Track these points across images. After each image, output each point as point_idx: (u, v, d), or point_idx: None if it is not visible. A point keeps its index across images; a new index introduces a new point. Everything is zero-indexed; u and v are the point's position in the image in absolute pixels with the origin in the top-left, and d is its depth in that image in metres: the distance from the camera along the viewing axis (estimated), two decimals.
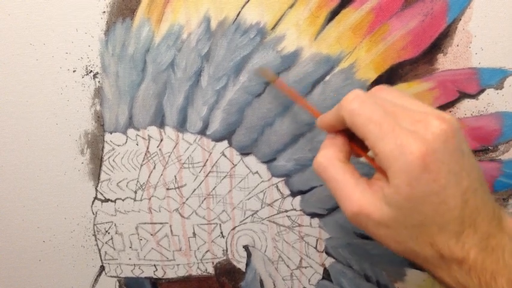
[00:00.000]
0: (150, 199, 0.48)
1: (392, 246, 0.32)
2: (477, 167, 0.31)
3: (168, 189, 0.48)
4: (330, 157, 0.34)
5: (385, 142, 0.30)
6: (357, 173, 0.33)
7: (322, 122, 0.36)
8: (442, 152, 0.29)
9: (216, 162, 0.47)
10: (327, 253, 0.49)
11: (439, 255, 0.30)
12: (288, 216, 0.48)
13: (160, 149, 0.47)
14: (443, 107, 0.44)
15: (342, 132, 0.35)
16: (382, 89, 0.34)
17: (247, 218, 0.49)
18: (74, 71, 0.44)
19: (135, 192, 0.48)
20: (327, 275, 0.50)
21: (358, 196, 0.31)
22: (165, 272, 0.51)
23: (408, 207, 0.29)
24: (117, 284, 0.52)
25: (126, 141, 0.47)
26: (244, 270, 0.50)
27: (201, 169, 0.47)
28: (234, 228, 0.49)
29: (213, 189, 0.48)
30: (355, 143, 0.35)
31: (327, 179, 0.33)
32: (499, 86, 0.43)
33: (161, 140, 0.46)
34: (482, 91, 0.44)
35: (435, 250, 0.30)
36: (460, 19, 0.42)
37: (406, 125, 0.30)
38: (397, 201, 0.30)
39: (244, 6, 0.42)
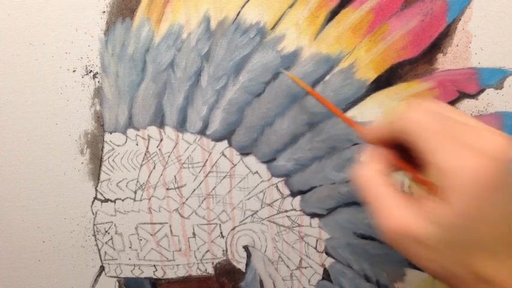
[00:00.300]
0: (149, 199, 0.48)
1: (429, 267, 0.30)
2: None
3: (167, 189, 0.48)
4: (373, 170, 0.32)
5: (445, 155, 0.28)
6: (399, 189, 0.32)
7: (371, 132, 0.34)
8: (506, 172, 0.27)
9: (216, 162, 0.47)
10: (327, 253, 0.49)
11: (479, 279, 0.29)
12: (288, 217, 0.48)
13: (160, 149, 0.47)
14: None
15: (385, 146, 0.34)
16: (438, 103, 0.32)
17: (247, 218, 0.49)
18: (73, 71, 0.44)
19: (135, 192, 0.48)
20: (326, 275, 0.50)
21: (401, 213, 0.30)
22: (164, 272, 0.51)
23: (462, 227, 0.28)
24: (117, 284, 0.52)
25: (126, 141, 0.47)
26: (244, 270, 0.50)
27: (201, 169, 0.47)
28: (233, 229, 0.49)
29: (213, 189, 0.48)
30: (399, 157, 0.33)
31: (368, 193, 0.32)
32: (499, 86, 0.43)
33: (161, 140, 0.46)
34: (482, 91, 0.44)
35: (479, 275, 0.29)
36: (460, 19, 0.42)
37: (468, 140, 0.28)
38: (451, 220, 0.28)
39: (244, 6, 0.42)
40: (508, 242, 0.28)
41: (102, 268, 0.51)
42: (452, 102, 0.44)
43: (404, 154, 0.32)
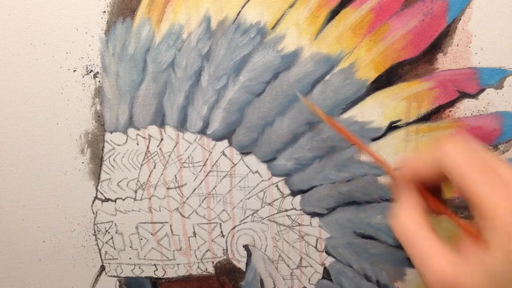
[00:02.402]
0: (150, 198, 0.48)
1: None
2: None
3: (168, 188, 0.48)
4: (413, 218, 0.31)
5: (489, 194, 0.27)
6: (438, 234, 0.30)
7: (410, 166, 0.33)
8: None
9: (216, 161, 0.47)
10: (327, 252, 0.49)
11: None
12: (288, 216, 0.48)
13: (160, 149, 0.47)
14: (443, 107, 0.44)
15: (418, 187, 0.33)
16: (472, 142, 0.31)
17: (247, 217, 0.49)
18: (74, 71, 0.44)
19: (136, 191, 0.48)
20: (327, 274, 0.50)
21: (446, 263, 0.28)
22: (165, 272, 0.51)
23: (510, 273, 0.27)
24: (118, 283, 0.52)
25: (127, 141, 0.47)
26: (244, 269, 0.50)
27: (201, 168, 0.47)
28: (234, 228, 0.49)
29: (213, 188, 0.48)
30: (434, 199, 0.32)
31: (410, 243, 0.30)
32: (499, 86, 0.43)
33: (161, 140, 0.46)
34: (482, 91, 0.44)
35: None
36: (460, 19, 0.42)
37: (509, 176, 0.28)
38: (503, 267, 0.27)
39: (244, 5, 0.42)
40: None
41: (102, 267, 0.51)
42: (452, 102, 0.44)
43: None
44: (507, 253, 0.26)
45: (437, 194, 0.32)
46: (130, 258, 0.51)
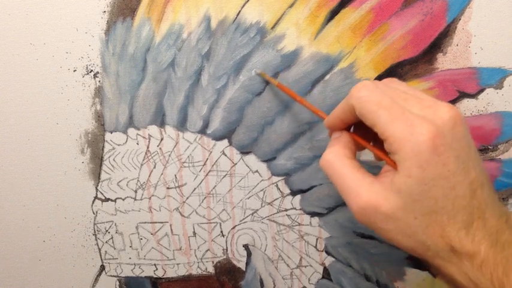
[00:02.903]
0: (150, 198, 0.48)
1: (401, 241, 0.31)
2: (481, 163, 0.31)
3: (168, 188, 0.48)
4: (336, 153, 0.34)
5: (395, 125, 0.30)
6: (364, 169, 0.33)
7: (331, 117, 0.36)
8: (451, 137, 0.29)
9: (216, 161, 0.47)
10: (327, 252, 0.49)
11: (450, 247, 0.30)
12: (288, 215, 0.48)
13: (160, 148, 0.47)
14: None
15: (347, 130, 0.36)
16: (391, 81, 0.35)
17: (247, 217, 0.49)
18: (74, 71, 0.44)
19: (136, 191, 0.48)
20: (326, 274, 0.50)
21: (365, 189, 0.31)
22: (165, 271, 0.51)
23: (418, 191, 0.29)
24: (118, 283, 0.52)
25: (127, 141, 0.47)
26: (244, 269, 0.50)
27: (201, 168, 0.47)
28: (234, 227, 0.49)
29: (213, 188, 0.48)
30: (362, 137, 0.35)
31: (334, 175, 0.33)
32: (499, 86, 0.43)
33: (161, 139, 0.46)
34: (481, 91, 0.44)
35: (446, 242, 0.30)
36: (460, 19, 0.42)
37: (415, 111, 0.30)
38: (408, 185, 0.30)
39: (244, 5, 0.42)
40: (468, 208, 0.30)
41: (102, 267, 0.51)
42: (452, 102, 0.44)
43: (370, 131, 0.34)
44: (409, 176, 0.29)
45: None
46: (130, 258, 0.51)
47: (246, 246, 0.50)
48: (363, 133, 0.35)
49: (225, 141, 0.46)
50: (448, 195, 0.30)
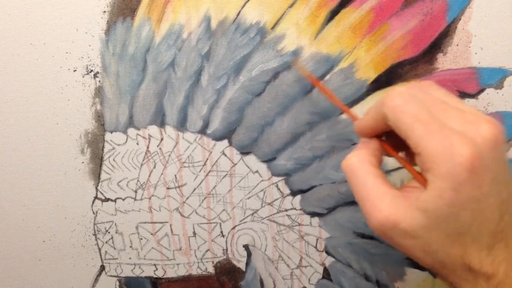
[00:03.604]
0: (150, 198, 0.48)
1: (418, 257, 0.30)
2: (510, 180, 0.29)
3: (168, 188, 0.48)
4: (361, 158, 0.32)
5: (431, 141, 0.28)
6: (388, 181, 0.31)
7: (361, 123, 0.34)
8: (490, 158, 0.27)
9: (216, 161, 0.47)
10: (327, 252, 0.49)
11: (468, 267, 0.29)
12: (288, 216, 0.48)
13: (160, 148, 0.47)
14: None
15: (377, 137, 0.34)
16: (429, 86, 0.32)
17: (247, 217, 0.49)
18: (74, 71, 0.44)
19: (136, 191, 0.48)
20: (326, 274, 0.50)
21: (387, 203, 0.29)
22: (165, 272, 0.51)
23: (447, 214, 0.28)
24: (118, 283, 0.52)
25: (127, 141, 0.47)
26: (244, 269, 0.50)
27: (201, 168, 0.47)
28: (234, 228, 0.49)
29: (213, 188, 0.48)
30: (392, 147, 0.33)
31: (355, 180, 0.31)
32: (499, 86, 0.43)
33: (161, 139, 0.46)
34: (482, 91, 0.44)
35: (465, 262, 0.29)
36: (460, 19, 0.42)
37: (454, 125, 0.28)
38: (437, 206, 0.28)
39: (244, 5, 0.42)
40: (494, 230, 0.29)
41: (102, 267, 0.51)
42: None
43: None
44: (441, 197, 0.27)
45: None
46: (130, 258, 0.51)
47: (246, 247, 0.50)
48: (394, 142, 0.33)
49: (225, 142, 0.46)
50: (477, 218, 0.28)
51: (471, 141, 0.27)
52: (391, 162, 0.45)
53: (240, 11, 0.43)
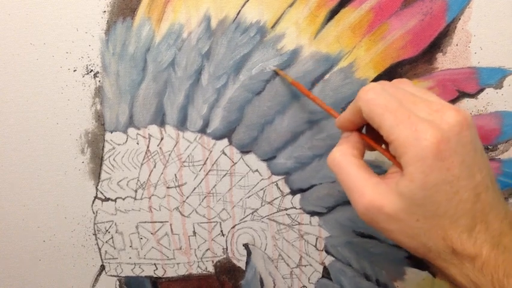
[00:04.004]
0: (150, 198, 0.48)
1: (403, 242, 0.32)
2: (488, 166, 0.31)
3: (168, 187, 0.48)
4: (343, 152, 0.34)
5: (400, 129, 0.30)
6: (370, 170, 0.33)
7: (341, 118, 0.36)
8: (456, 142, 0.29)
9: (216, 160, 0.47)
10: (327, 251, 0.49)
11: (451, 250, 0.30)
12: (288, 215, 0.48)
13: (160, 148, 0.47)
14: None
15: (357, 131, 0.36)
16: (401, 81, 0.35)
17: (247, 216, 0.49)
18: (74, 71, 0.45)
19: (136, 191, 0.48)
20: (326, 273, 0.50)
21: (370, 190, 0.31)
22: (165, 271, 0.51)
23: (421, 196, 0.29)
24: (118, 283, 0.52)
25: (127, 140, 0.47)
26: (244, 268, 0.50)
27: (201, 167, 0.47)
28: (234, 227, 0.49)
29: (213, 187, 0.48)
30: (371, 138, 0.35)
31: (340, 173, 0.34)
32: (499, 86, 0.44)
33: (161, 139, 0.46)
34: (481, 90, 0.44)
35: (447, 244, 0.30)
36: (460, 18, 0.42)
37: (422, 115, 0.30)
38: (411, 189, 0.30)
39: (244, 5, 0.42)
40: (472, 211, 0.30)
41: (102, 267, 0.51)
42: (451, 102, 0.44)
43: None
44: (412, 181, 0.29)
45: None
46: (130, 258, 0.51)
47: (246, 246, 0.50)
48: (374, 134, 0.35)
49: (225, 141, 0.46)
50: (452, 199, 0.29)
51: (436, 127, 0.29)
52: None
53: (240, 11, 0.43)
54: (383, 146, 0.36)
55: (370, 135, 0.36)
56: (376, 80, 0.44)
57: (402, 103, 0.31)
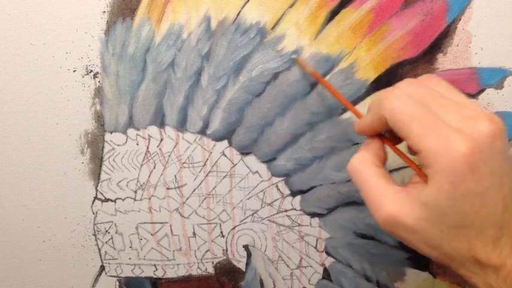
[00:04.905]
0: (150, 199, 0.48)
1: (426, 251, 0.31)
2: None
3: (168, 188, 0.48)
4: (364, 160, 0.33)
5: (429, 138, 0.29)
6: (391, 178, 0.32)
7: (361, 124, 0.35)
8: (488, 153, 0.28)
9: (216, 161, 0.47)
10: (327, 253, 0.49)
11: (476, 260, 0.29)
12: (288, 216, 0.48)
13: (160, 149, 0.47)
14: None
15: (379, 137, 0.35)
16: (429, 78, 0.33)
17: (247, 217, 0.49)
18: (74, 71, 0.44)
19: (135, 191, 0.48)
20: (327, 274, 0.50)
21: (390, 200, 0.31)
22: (165, 272, 0.51)
23: (447, 207, 0.29)
24: (117, 283, 0.52)
25: (126, 141, 0.47)
26: (244, 269, 0.50)
27: (201, 169, 0.47)
28: (234, 228, 0.49)
29: (213, 188, 0.48)
30: (394, 145, 0.34)
31: (359, 181, 0.33)
32: (499, 86, 0.43)
33: (161, 140, 0.46)
34: (482, 91, 0.44)
35: (471, 255, 0.29)
36: (460, 19, 0.42)
37: (452, 122, 0.29)
38: (436, 198, 0.29)
39: (244, 6, 0.42)
40: (499, 223, 0.29)
41: (102, 268, 0.51)
42: None
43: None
44: (439, 190, 0.28)
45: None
46: (130, 259, 0.51)
47: (246, 247, 0.50)
48: (396, 139, 0.34)
49: (225, 142, 0.46)
50: (480, 211, 0.29)
51: (469, 137, 0.28)
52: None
53: (240, 11, 0.42)
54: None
55: (392, 139, 0.35)
56: (376, 80, 0.43)
57: (431, 109, 0.30)
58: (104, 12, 0.43)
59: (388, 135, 0.35)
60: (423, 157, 0.29)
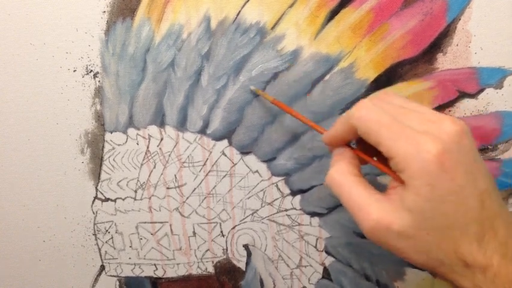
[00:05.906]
0: (150, 198, 0.48)
1: (415, 258, 0.31)
2: (488, 172, 0.31)
3: (168, 188, 0.48)
4: (343, 171, 0.33)
5: (399, 143, 0.29)
6: (371, 186, 0.33)
7: (330, 135, 0.36)
8: (457, 152, 0.29)
9: (216, 161, 0.47)
10: (327, 252, 0.49)
11: (463, 262, 0.30)
12: (288, 215, 0.48)
13: (160, 148, 0.47)
14: (443, 107, 0.44)
15: (348, 146, 0.35)
16: (386, 94, 0.34)
17: (247, 217, 0.49)
18: (74, 71, 0.45)
19: (135, 191, 0.48)
20: (326, 274, 0.50)
21: (374, 208, 0.31)
22: (165, 271, 0.51)
23: (429, 209, 0.29)
24: (117, 283, 0.52)
25: (127, 141, 0.47)
26: (244, 269, 0.50)
27: (201, 168, 0.47)
28: (234, 227, 0.49)
29: (213, 188, 0.48)
30: (365, 152, 0.35)
31: (341, 193, 0.33)
32: (499, 86, 0.43)
33: (161, 139, 0.46)
34: (481, 90, 0.44)
35: (458, 257, 0.30)
36: (460, 19, 0.42)
37: (416, 126, 0.30)
38: (418, 203, 0.29)
39: (244, 5, 0.42)
40: (479, 220, 0.30)
41: (102, 267, 0.51)
42: (452, 102, 0.44)
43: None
44: (418, 194, 0.29)
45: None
46: (130, 258, 0.51)
47: (246, 246, 0.50)
48: (365, 147, 0.35)
49: (225, 142, 0.46)
50: (459, 209, 0.29)
51: (437, 138, 0.29)
52: None
53: (239, 11, 0.43)
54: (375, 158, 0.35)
55: (362, 148, 0.35)
56: (376, 80, 0.44)
57: (394, 117, 0.31)
58: (104, 12, 0.43)
59: (358, 146, 0.36)
60: (396, 163, 0.30)
